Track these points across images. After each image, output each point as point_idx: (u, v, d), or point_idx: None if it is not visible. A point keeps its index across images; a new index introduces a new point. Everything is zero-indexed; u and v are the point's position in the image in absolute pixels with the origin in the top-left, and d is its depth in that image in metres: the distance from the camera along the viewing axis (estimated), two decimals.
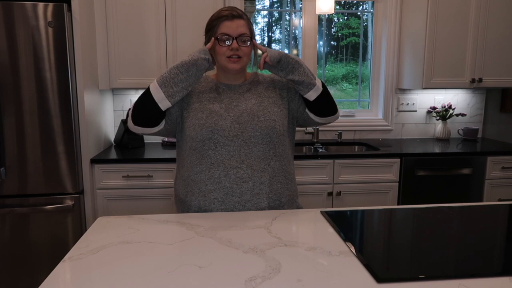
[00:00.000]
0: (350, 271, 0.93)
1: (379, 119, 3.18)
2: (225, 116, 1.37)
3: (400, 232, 1.20)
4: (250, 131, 1.37)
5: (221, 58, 1.39)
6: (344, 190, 2.54)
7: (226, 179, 1.35)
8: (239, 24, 1.37)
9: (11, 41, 2.09)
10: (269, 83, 1.50)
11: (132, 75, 2.61)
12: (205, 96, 1.43)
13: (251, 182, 1.36)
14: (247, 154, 1.36)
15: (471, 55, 2.78)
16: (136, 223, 1.25)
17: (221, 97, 1.43)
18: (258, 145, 1.37)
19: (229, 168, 1.35)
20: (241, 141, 1.36)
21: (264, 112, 1.40)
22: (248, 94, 1.45)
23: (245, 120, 1.38)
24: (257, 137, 1.37)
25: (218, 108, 1.39)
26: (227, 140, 1.36)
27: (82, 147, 2.28)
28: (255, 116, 1.38)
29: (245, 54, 1.39)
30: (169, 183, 2.40)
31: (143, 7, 2.55)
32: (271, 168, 1.40)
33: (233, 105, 1.41)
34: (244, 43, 1.37)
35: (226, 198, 1.36)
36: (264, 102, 1.43)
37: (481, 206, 1.41)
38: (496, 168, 2.64)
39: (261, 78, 1.52)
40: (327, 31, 3.25)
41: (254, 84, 1.48)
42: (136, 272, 0.93)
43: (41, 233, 2.25)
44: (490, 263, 0.97)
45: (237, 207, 1.36)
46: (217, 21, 1.39)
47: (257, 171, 1.37)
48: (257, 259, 0.99)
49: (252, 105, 1.41)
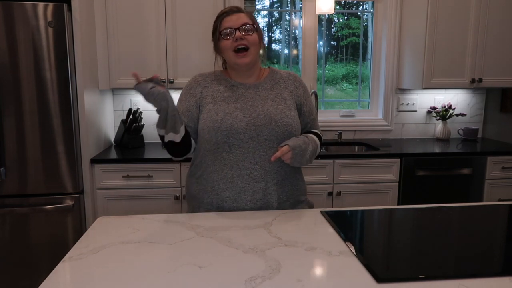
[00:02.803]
0: (350, 271, 0.93)
1: (379, 119, 3.18)
2: (240, 118, 1.35)
3: (400, 232, 1.20)
4: (266, 134, 1.35)
5: (228, 54, 1.36)
6: (344, 190, 2.54)
7: (239, 179, 1.36)
8: (240, 16, 1.35)
9: (11, 41, 2.09)
10: (287, 82, 1.46)
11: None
12: (219, 95, 1.40)
13: (264, 182, 1.37)
14: (261, 156, 1.36)
15: (471, 55, 2.77)
16: (136, 223, 1.25)
17: (236, 96, 1.40)
18: (272, 149, 1.36)
19: (243, 168, 1.35)
20: (256, 143, 1.35)
21: (282, 116, 1.37)
22: (264, 93, 1.41)
23: (261, 123, 1.35)
24: (273, 141, 1.36)
25: (234, 108, 1.36)
26: (242, 143, 1.35)
27: (82, 147, 2.28)
28: (272, 119, 1.36)
29: (252, 43, 1.35)
30: (169, 183, 2.40)
31: (143, 7, 2.55)
32: (283, 170, 1.40)
33: (249, 104, 1.38)
34: (247, 32, 1.34)
35: (239, 197, 1.37)
36: (281, 104, 1.40)
37: (481, 206, 1.41)
38: (496, 168, 2.64)
39: (278, 76, 1.47)
40: (327, 31, 3.25)
41: (271, 82, 1.45)
42: (136, 272, 0.93)
43: (41, 233, 2.25)
44: (490, 263, 0.97)
45: (248, 205, 1.37)
46: (218, 20, 1.38)
47: (270, 173, 1.37)
48: (257, 259, 0.99)
49: (269, 106, 1.38)
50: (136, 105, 2.91)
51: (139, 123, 2.74)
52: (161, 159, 2.38)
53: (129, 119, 2.70)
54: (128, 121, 2.70)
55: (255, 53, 1.37)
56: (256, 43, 1.37)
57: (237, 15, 1.36)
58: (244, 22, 1.34)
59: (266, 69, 1.50)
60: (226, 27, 1.35)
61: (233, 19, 1.35)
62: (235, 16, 1.35)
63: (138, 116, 2.74)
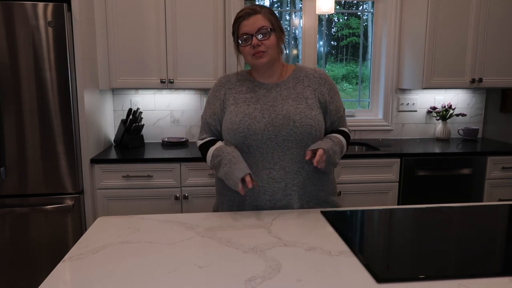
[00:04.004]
0: (350, 271, 0.93)
1: (379, 119, 3.18)
2: (259, 119, 1.35)
3: (400, 232, 1.20)
4: (284, 135, 1.35)
5: (247, 58, 1.39)
6: (344, 190, 2.54)
7: (259, 179, 1.36)
8: (256, 19, 1.34)
9: (11, 41, 2.09)
10: (311, 80, 1.43)
11: (132, 75, 2.61)
12: (241, 97, 1.42)
13: (283, 183, 1.37)
14: (280, 156, 1.36)
15: (471, 55, 2.77)
16: (136, 223, 1.25)
17: (257, 97, 1.41)
18: (292, 149, 1.36)
19: (262, 169, 1.36)
20: (274, 144, 1.35)
21: (301, 116, 1.36)
22: (285, 92, 1.41)
23: (280, 123, 1.35)
24: (291, 141, 1.36)
25: (253, 109, 1.37)
26: (260, 143, 1.35)
27: (82, 147, 2.28)
28: (290, 120, 1.35)
29: (269, 47, 1.35)
30: (169, 183, 2.40)
31: (143, 7, 2.55)
32: (305, 171, 1.39)
33: (269, 105, 1.38)
34: (265, 36, 1.34)
35: (258, 196, 1.38)
36: (301, 104, 1.39)
37: (481, 206, 1.41)
38: (496, 168, 2.64)
39: (302, 74, 1.45)
40: (327, 31, 3.25)
41: (294, 81, 1.43)
42: (136, 272, 0.93)
43: (41, 233, 2.25)
44: (490, 263, 0.97)
45: (268, 205, 1.38)
46: (236, 24, 1.38)
47: (290, 173, 1.37)
48: (257, 259, 0.99)
49: (289, 106, 1.38)
50: (136, 105, 2.91)
51: (139, 123, 2.74)
52: (161, 159, 2.39)
53: (129, 119, 2.70)
54: (128, 121, 2.70)
55: (272, 53, 1.37)
56: (274, 45, 1.36)
57: (253, 18, 1.34)
58: (261, 26, 1.33)
59: (291, 66, 1.48)
60: (244, 32, 1.35)
61: (250, 23, 1.34)
62: (251, 20, 1.34)
63: (138, 116, 2.74)
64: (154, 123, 2.96)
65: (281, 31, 1.40)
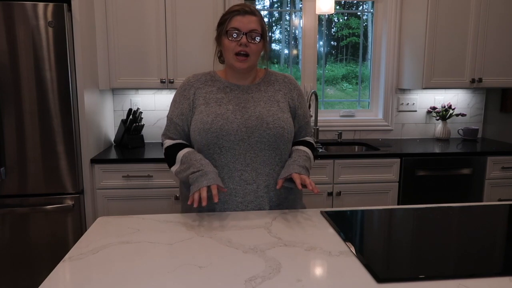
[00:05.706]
0: (350, 271, 0.93)
1: (379, 119, 3.18)
2: (231, 119, 1.34)
3: (400, 232, 1.20)
4: (257, 136, 1.34)
5: (229, 55, 1.35)
6: (344, 190, 2.54)
7: (230, 181, 1.35)
8: (251, 20, 1.33)
9: (11, 41, 2.09)
10: (281, 85, 1.45)
11: (132, 75, 2.61)
12: (212, 97, 1.39)
13: (255, 185, 1.36)
14: (253, 158, 1.35)
15: (471, 55, 2.77)
16: (136, 223, 1.25)
17: (229, 97, 1.39)
18: (264, 151, 1.36)
19: (234, 170, 1.35)
20: (247, 145, 1.34)
21: (274, 118, 1.36)
22: (257, 95, 1.40)
23: (253, 125, 1.34)
24: (264, 143, 1.35)
25: (225, 110, 1.35)
26: (233, 144, 1.33)
27: (82, 147, 2.28)
28: (264, 121, 1.35)
29: (254, 53, 1.34)
30: (169, 183, 2.40)
31: (143, 7, 2.55)
32: (276, 173, 1.39)
33: (241, 106, 1.37)
34: (254, 40, 1.33)
35: (230, 199, 1.36)
36: (273, 106, 1.39)
37: (481, 206, 1.41)
38: (496, 168, 2.64)
39: (273, 78, 1.46)
40: (327, 31, 3.25)
41: (265, 84, 1.43)
42: (136, 272, 0.93)
43: (41, 233, 2.25)
44: (490, 263, 0.97)
45: (239, 207, 1.36)
46: (228, 16, 1.35)
47: (262, 175, 1.36)
48: (257, 259, 0.99)
49: (261, 108, 1.37)
50: (136, 105, 2.91)
51: (139, 123, 2.74)
52: (161, 159, 2.38)
53: (129, 119, 2.70)
54: (128, 121, 2.70)
55: (255, 60, 1.37)
56: (259, 51, 1.36)
57: (249, 17, 1.33)
58: (253, 28, 1.32)
59: (262, 70, 1.48)
60: (235, 27, 1.32)
61: (244, 21, 1.32)
62: (246, 19, 1.32)
63: (138, 116, 2.74)
64: (154, 123, 2.96)
65: (267, 41, 1.42)
